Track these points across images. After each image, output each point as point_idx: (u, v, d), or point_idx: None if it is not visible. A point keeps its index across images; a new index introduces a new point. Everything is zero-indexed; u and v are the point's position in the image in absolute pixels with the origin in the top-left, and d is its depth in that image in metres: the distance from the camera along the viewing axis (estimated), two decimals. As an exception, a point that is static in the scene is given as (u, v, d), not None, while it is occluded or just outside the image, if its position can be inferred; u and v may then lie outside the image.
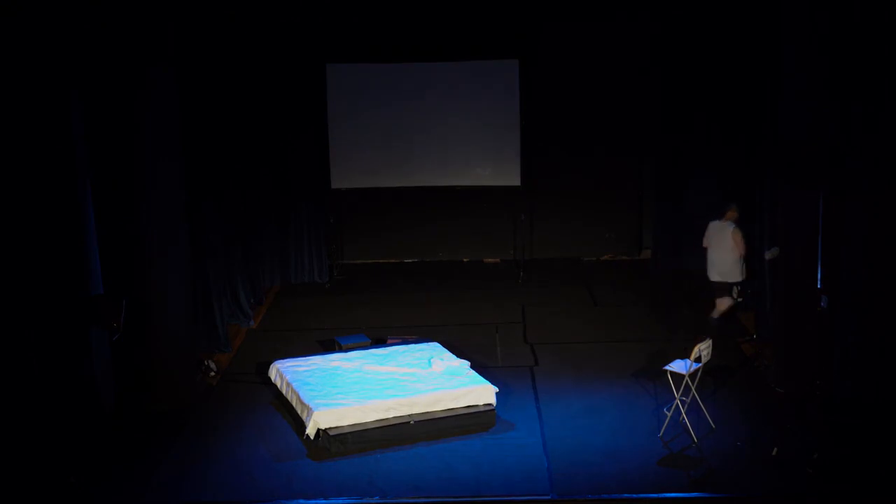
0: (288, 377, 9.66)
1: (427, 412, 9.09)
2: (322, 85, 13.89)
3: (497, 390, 9.43)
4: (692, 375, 8.88)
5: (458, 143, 14.17)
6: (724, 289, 11.39)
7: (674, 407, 8.98)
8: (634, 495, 7.95)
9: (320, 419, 8.76)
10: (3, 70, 8.12)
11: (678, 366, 8.99)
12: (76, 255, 8.83)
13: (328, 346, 11.25)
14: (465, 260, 15.00)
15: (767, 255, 10.60)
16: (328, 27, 13.59)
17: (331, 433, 8.73)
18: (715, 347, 9.16)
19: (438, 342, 10.79)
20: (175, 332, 9.92)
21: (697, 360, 8.82)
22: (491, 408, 9.32)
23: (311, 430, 8.78)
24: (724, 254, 11.24)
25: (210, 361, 10.78)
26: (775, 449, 8.51)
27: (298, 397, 9.19)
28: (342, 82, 13.95)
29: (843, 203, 9.29)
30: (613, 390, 10.12)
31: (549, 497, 7.96)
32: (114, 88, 9.40)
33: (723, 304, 11.46)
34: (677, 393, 8.93)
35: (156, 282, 9.74)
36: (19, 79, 8.25)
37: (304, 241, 13.97)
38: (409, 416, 9.02)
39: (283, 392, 9.70)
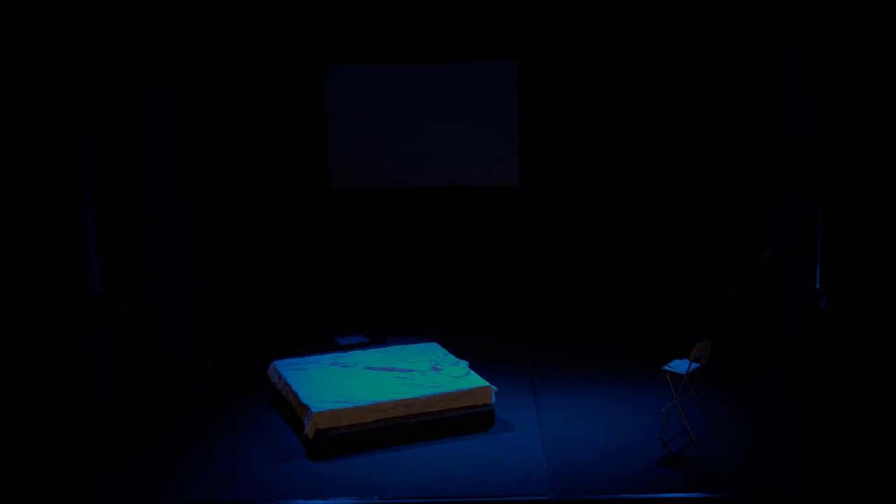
0: (287, 377, 9.66)
1: (426, 412, 9.09)
2: (321, 86, 13.91)
3: (496, 390, 9.43)
4: (691, 375, 8.88)
5: (457, 144, 14.19)
6: None
7: (673, 407, 8.98)
8: (633, 495, 7.94)
9: (319, 419, 8.75)
10: (3, 71, 8.13)
11: (677, 366, 8.99)
12: (76, 255, 8.84)
13: (327, 346, 11.25)
14: (464, 260, 15.00)
15: (766, 256, 10.60)
16: (327, 29, 13.60)
17: (330, 434, 8.73)
18: (714, 347, 9.16)
19: (437, 342, 10.80)
20: (174, 332, 9.94)
21: (696, 360, 8.82)
22: (490, 408, 9.32)
23: (309, 431, 8.78)
24: None
25: (210, 361, 10.78)
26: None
27: (297, 398, 9.18)
28: (341, 83, 13.97)
29: (842, 203, 9.30)
30: (613, 390, 10.12)
31: (547, 497, 7.95)
32: (115, 89, 9.42)
33: None
34: (676, 393, 8.93)
35: (155, 282, 9.76)
36: (20, 79, 8.27)
37: (303, 241, 13.99)
38: (407, 416, 9.02)
39: (283, 392, 9.70)
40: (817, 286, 9.66)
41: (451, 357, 10.20)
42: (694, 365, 8.82)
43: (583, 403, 9.81)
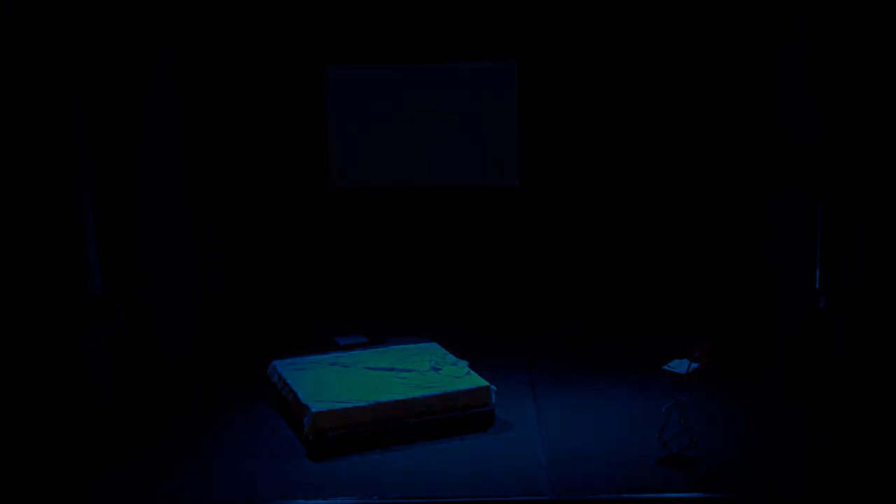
0: (287, 377, 9.66)
1: (426, 412, 9.09)
2: (321, 86, 13.91)
3: (496, 390, 9.43)
4: (691, 375, 8.87)
5: (457, 144, 14.18)
6: None
7: (673, 407, 8.98)
8: (634, 495, 7.94)
9: (319, 419, 8.76)
10: (3, 71, 8.13)
11: (677, 366, 8.99)
12: (76, 255, 8.84)
13: (327, 346, 11.25)
14: (463, 260, 14.99)
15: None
16: (327, 29, 13.59)
17: (330, 433, 8.73)
18: (714, 347, 9.16)
19: (437, 342, 10.80)
20: (174, 332, 9.94)
21: (696, 360, 8.81)
22: (490, 408, 9.32)
23: (309, 431, 8.78)
24: None
25: (209, 362, 10.78)
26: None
27: (297, 398, 9.19)
28: (341, 84, 13.96)
29: (842, 203, 9.31)
30: (613, 390, 10.13)
31: (547, 497, 7.95)
32: (115, 89, 9.42)
33: None
34: (677, 393, 8.93)
35: (156, 282, 9.76)
36: (20, 79, 8.27)
37: (303, 241, 13.99)
38: (407, 416, 9.02)
39: (283, 392, 9.70)
40: (817, 286, 9.66)
41: (451, 357, 10.20)
42: (694, 365, 8.82)
43: (583, 403, 9.81)
